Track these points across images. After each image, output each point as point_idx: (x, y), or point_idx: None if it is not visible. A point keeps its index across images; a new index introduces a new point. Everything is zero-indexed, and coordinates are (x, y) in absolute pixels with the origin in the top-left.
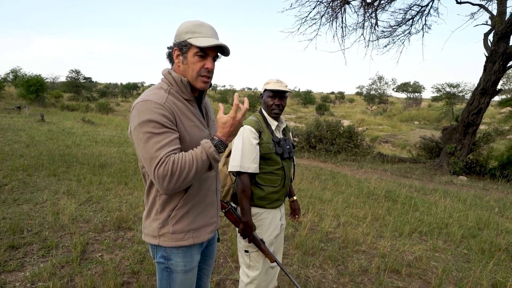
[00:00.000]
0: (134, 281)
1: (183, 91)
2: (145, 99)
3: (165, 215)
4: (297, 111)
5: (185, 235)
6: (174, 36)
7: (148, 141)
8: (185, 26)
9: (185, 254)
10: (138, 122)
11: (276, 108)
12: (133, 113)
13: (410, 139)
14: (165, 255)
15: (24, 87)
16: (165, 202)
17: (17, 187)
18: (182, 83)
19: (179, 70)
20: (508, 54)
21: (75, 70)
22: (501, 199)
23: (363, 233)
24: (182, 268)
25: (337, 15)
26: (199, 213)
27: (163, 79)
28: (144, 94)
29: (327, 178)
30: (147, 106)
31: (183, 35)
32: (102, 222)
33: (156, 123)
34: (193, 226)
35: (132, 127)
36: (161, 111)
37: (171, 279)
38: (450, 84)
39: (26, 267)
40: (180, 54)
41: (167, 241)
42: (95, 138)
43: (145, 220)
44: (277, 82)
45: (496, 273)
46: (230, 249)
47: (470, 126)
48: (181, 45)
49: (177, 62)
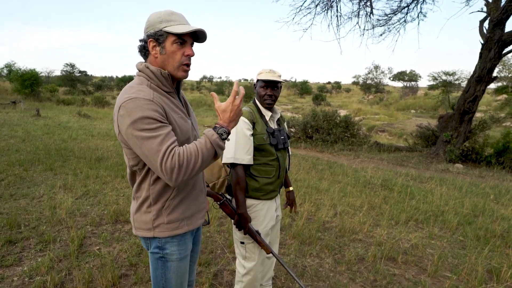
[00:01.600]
0: (132, 273)
1: (164, 83)
2: (132, 97)
3: (158, 206)
4: (293, 101)
5: (180, 223)
6: (145, 28)
7: (146, 138)
8: (157, 16)
9: (179, 243)
10: (131, 121)
11: (269, 98)
12: (121, 112)
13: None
14: (159, 245)
15: (19, 82)
16: (159, 194)
17: (14, 182)
18: (162, 76)
19: (157, 62)
20: (503, 41)
21: (70, 63)
22: (497, 186)
23: (360, 222)
24: (177, 256)
25: (331, 4)
26: (192, 200)
27: (140, 74)
28: (127, 92)
29: (324, 168)
30: (136, 103)
31: (157, 24)
32: (99, 216)
33: (150, 119)
34: (187, 214)
35: (123, 127)
36: (152, 106)
37: (166, 268)
38: (446, 72)
39: (24, 262)
40: (157, 45)
41: (162, 231)
42: (91, 132)
43: (135, 214)
44: (270, 72)
45: (491, 259)
46: (228, 240)
47: (466, 114)
48: (157, 35)
49: (154, 53)
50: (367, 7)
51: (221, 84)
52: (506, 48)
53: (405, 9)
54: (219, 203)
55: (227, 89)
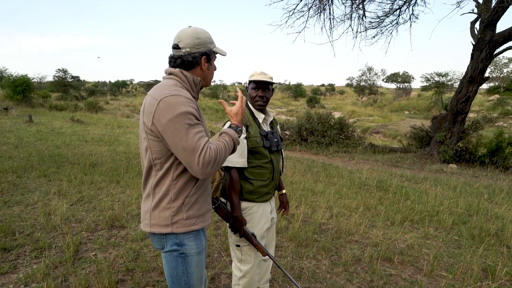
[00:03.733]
0: (129, 279)
1: (193, 89)
2: (174, 94)
3: (179, 202)
4: (288, 104)
5: (196, 220)
6: (195, 44)
7: (188, 131)
8: (206, 36)
9: (196, 237)
10: (175, 114)
11: (260, 99)
12: (162, 106)
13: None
14: (177, 241)
15: (11, 88)
16: (179, 191)
17: (7, 189)
18: (194, 82)
19: (202, 74)
20: (494, 41)
21: (63, 69)
22: (490, 185)
23: (356, 223)
24: (196, 250)
25: (324, 7)
26: (205, 199)
27: (172, 77)
28: (165, 89)
29: (319, 170)
30: (180, 100)
31: (208, 44)
32: (94, 221)
33: (192, 115)
34: (201, 211)
35: (163, 119)
36: (192, 104)
37: (187, 263)
38: (438, 73)
39: (19, 269)
40: (206, 61)
41: (180, 227)
42: (85, 137)
43: (153, 211)
44: (261, 73)
45: (486, 258)
46: (224, 243)
47: (459, 114)
48: (210, 54)
49: (205, 68)
50: (360, 10)
51: (215, 88)
52: (497, 49)
53: (397, 11)
54: (214, 206)
55: (221, 92)
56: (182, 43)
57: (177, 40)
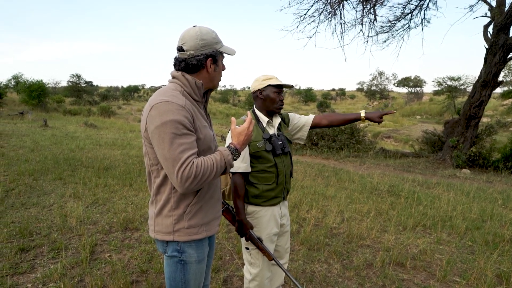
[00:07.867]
0: (143, 280)
1: (195, 92)
2: (166, 100)
3: (180, 211)
4: (298, 108)
5: (199, 229)
6: (200, 46)
7: (171, 141)
8: (212, 36)
9: (197, 246)
10: (161, 122)
11: (281, 103)
12: (153, 112)
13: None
14: (178, 248)
15: (26, 93)
16: (180, 199)
17: (24, 192)
18: (196, 85)
19: (209, 77)
20: (508, 45)
21: (76, 74)
22: (505, 190)
23: (367, 227)
24: (196, 258)
25: (335, 12)
26: (210, 207)
27: (175, 81)
28: (161, 94)
29: (330, 174)
30: (169, 107)
31: (213, 45)
32: (109, 224)
33: (179, 124)
34: (205, 220)
35: (151, 126)
36: (183, 112)
37: (185, 270)
38: (451, 78)
39: (37, 269)
40: (212, 63)
41: (182, 236)
42: (99, 141)
43: (156, 217)
44: (276, 78)
45: (500, 263)
46: (236, 246)
47: (472, 119)
48: (216, 55)
49: (211, 70)
50: (371, 14)
51: (226, 93)
52: (511, 53)
53: (408, 15)
54: (222, 210)
55: (232, 97)
56: (186, 45)
57: (181, 42)
